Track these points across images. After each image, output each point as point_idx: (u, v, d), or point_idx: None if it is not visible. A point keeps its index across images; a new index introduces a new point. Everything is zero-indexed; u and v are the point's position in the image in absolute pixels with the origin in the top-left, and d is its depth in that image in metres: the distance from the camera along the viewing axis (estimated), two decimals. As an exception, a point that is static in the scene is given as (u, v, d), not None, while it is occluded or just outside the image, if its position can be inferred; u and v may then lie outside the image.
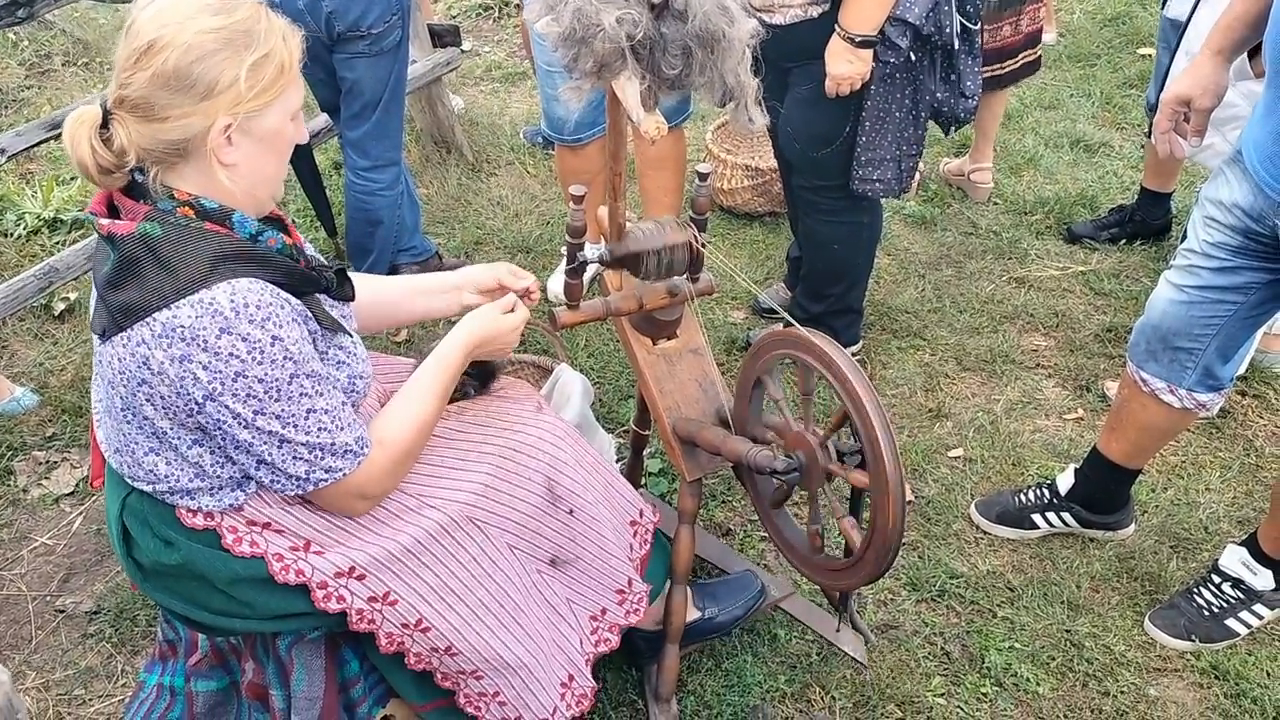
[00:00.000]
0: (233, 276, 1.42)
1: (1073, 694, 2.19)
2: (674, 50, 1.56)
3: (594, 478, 1.85)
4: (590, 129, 3.14)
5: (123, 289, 1.42)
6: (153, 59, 1.37)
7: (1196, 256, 2.10)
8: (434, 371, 1.70)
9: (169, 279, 1.40)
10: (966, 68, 2.60)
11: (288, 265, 1.50)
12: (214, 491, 1.57)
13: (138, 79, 1.38)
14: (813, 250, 2.94)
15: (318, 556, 1.60)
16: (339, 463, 1.54)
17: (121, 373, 1.45)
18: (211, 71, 1.39)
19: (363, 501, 1.62)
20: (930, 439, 2.83)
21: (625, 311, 1.96)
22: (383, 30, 2.83)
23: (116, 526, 1.65)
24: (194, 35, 1.38)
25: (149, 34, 1.38)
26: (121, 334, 1.43)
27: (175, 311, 1.39)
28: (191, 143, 1.42)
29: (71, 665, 2.28)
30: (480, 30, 5.71)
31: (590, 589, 1.87)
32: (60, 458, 2.81)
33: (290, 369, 1.45)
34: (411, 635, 1.67)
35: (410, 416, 1.65)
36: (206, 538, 1.59)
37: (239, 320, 1.40)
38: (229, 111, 1.41)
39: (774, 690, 2.19)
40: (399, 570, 1.64)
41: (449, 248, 3.68)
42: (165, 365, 1.41)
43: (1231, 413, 2.89)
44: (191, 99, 1.39)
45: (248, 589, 1.61)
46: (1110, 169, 4.13)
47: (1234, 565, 2.30)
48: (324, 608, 1.61)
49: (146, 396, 1.45)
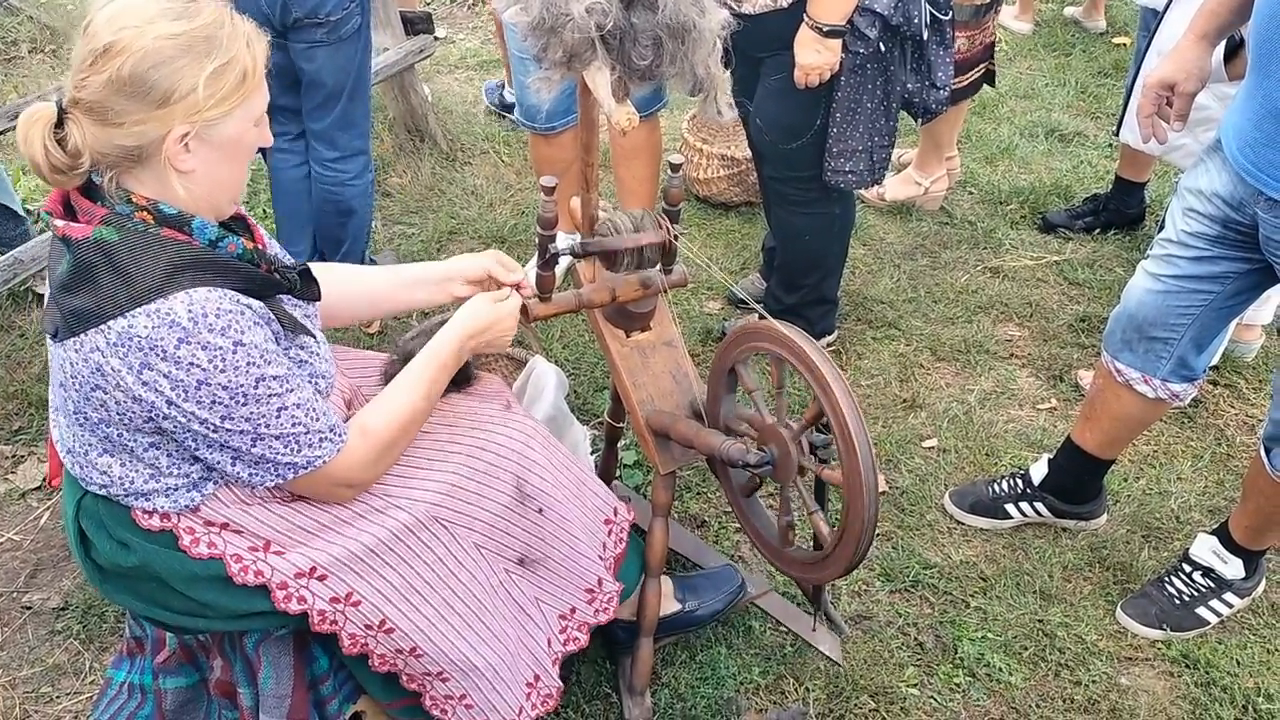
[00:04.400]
0: (190, 286, 1.39)
1: (1045, 683, 2.20)
2: (644, 41, 1.55)
3: (564, 476, 1.84)
4: (564, 118, 3.12)
5: (76, 293, 1.39)
6: (109, 62, 1.34)
7: (1174, 246, 2.11)
8: (426, 364, 1.69)
9: (124, 287, 1.38)
10: (937, 58, 2.59)
11: (248, 271, 1.47)
12: (169, 492, 1.55)
13: (93, 82, 1.35)
14: (786, 241, 2.93)
15: (277, 557, 1.58)
16: (316, 452, 1.53)
17: (73, 376, 1.43)
18: (169, 79, 1.36)
19: (347, 489, 1.61)
20: (905, 429, 2.83)
21: (598, 304, 1.95)
22: (341, 17, 2.78)
23: (73, 528, 1.63)
24: (152, 41, 1.35)
25: (106, 36, 1.35)
26: (74, 338, 1.41)
27: (131, 320, 1.37)
28: (147, 149, 1.39)
29: (39, 662, 2.25)
30: (454, 17, 5.66)
31: (560, 588, 1.85)
32: (27, 452, 2.77)
33: (255, 373, 1.43)
34: (375, 636, 1.65)
35: (396, 407, 1.64)
36: (163, 539, 1.57)
37: (198, 329, 1.38)
38: (186, 120, 1.38)
39: (748, 682, 2.18)
40: (362, 570, 1.62)
41: (422, 238, 3.66)
42: (123, 373, 1.39)
43: (1203, 402, 2.91)
44: (147, 106, 1.36)
45: (207, 590, 1.59)
46: (1085, 158, 4.14)
47: (1205, 554, 2.32)
48: (284, 609, 1.59)
49: (100, 401, 1.43)
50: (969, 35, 3.25)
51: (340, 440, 1.56)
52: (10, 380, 2.98)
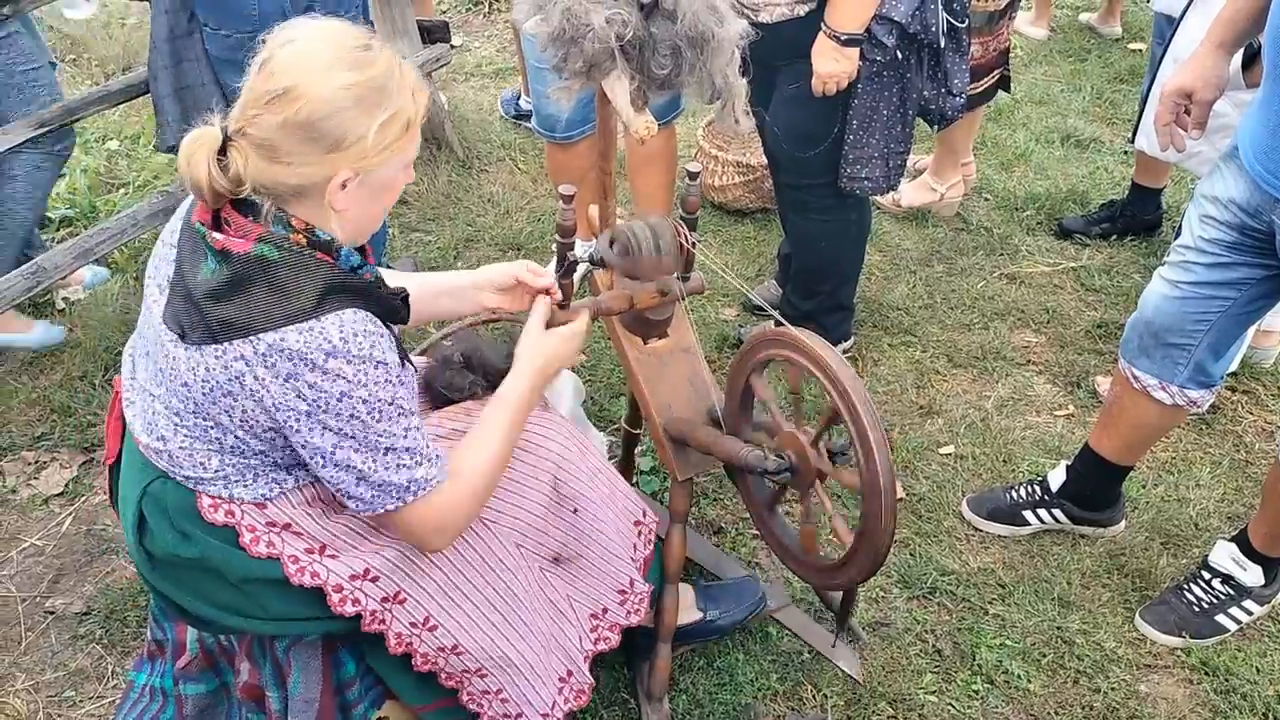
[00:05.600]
0: (340, 308, 1.44)
1: (1063, 690, 2.20)
2: (663, 50, 1.56)
3: (598, 478, 1.87)
4: (581, 126, 3.13)
5: (228, 303, 1.43)
6: (286, 106, 1.38)
7: (1191, 252, 2.11)
8: (504, 408, 1.69)
9: (280, 303, 1.42)
10: (954, 66, 2.59)
11: (380, 296, 1.52)
12: (248, 483, 1.58)
13: (266, 121, 1.39)
14: (802, 248, 2.94)
15: (332, 560, 1.61)
16: (433, 469, 1.55)
17: (206, 380, 1.46)
18: (341, 127, 1.40)
19: (439, 535, 1.60)
20: (921, 436, 2.83)
21: (616, 311, 1.96)
22: (354, 15, 2.80)
23: (133, 511, 1.64)
24: (331, 90, 1.38)
25: (286, 79, 1.38)
26: (216, 345, 1.44)
27: (283, 335, 1.41)
28: (309, 188, 1.44)
29: (61, 667, 2.27)
30: (470, 25, 5.69)
31: (592, 587, 1.88)
32: (50, 458, 2.80)
33: (391, 391, 1.47)
34: (419, 634, 1.68)
35: (483, 453, 1.64)
36: (225, 534, 1.59)
37: (346, 347, 1.43)
38: (352, 166, 1.42)
39: (766, 689, 2.19)
40: (410, 570, 1.65)
41: (439, 245, 3.68)
42: (266, 381, 1.43)
43: (1221, 409, 2.90)
44: (317, 151, 1.40)
45: (261, 588, 1.61)
46: (1101, 164, 4.13)
47: (1224, 561, 2.31)
48: (340, 611, 1.61)
49: (227, 408, 1.47)
50: (983, 41, 3.25)
51: (444, 461, 1.57)
52: (33, 387, 3.01)
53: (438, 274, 1.96)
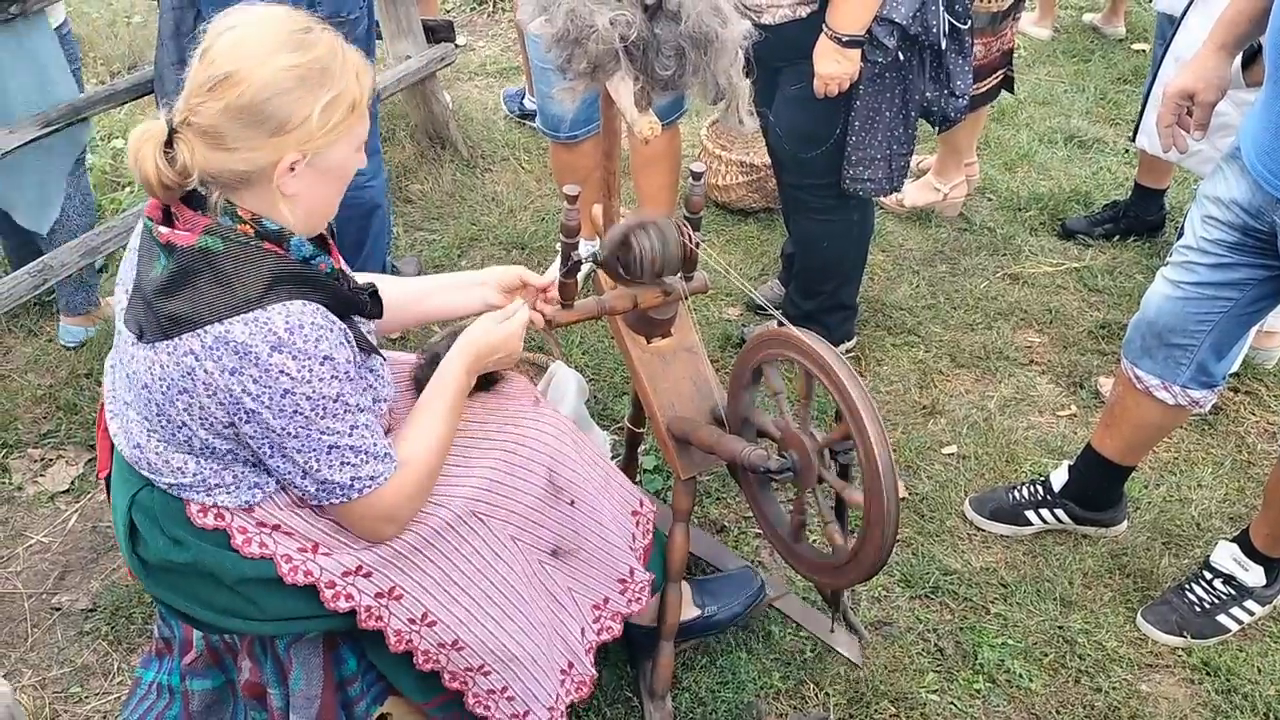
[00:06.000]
0: (288, 298, 1.44)
1: (1065, 690, 2.21)
2: (667, 51, 1.57)
3: (593, 470, 1.88)
4: (585, 126, 3.14)
5: (175, 298, 1.43)
6: (228, 91, 1.38)
7: (1194, 253, 2.11)
8: (441, 394, 1.71)
9: (225, 294, 1.42)
10: (956, 67, 2.60)
11: (335, 288, 1.52)
12: (233, 490, 1.58)
13: (209, 108, 1.39)
14: (805, 248, 2.95)
15: (325, 557, 1.62)
16: (380, 466, 1.55)
17: (162, 379, 1.46)
18: (285, 109, 1.40)
19: (390, 525, 1.62)
20: (924, 436, 2.84)
21: (619, 310, 1.97)
22: (358, 16, 2.83)
23: (124, 521, 1.65)
24: (272, 73, 1.39)
25: (227, 65, 1.39)
26: (167, 341, 1.44)
27: (228, 326, 1.41)
28: (256, 174, 1.44)
29: (68, 663, 2.28)
30: (474, 25, 5.70)
31: (593, 578, 1.89)
32: (56, 455, 2.81)
33: (337, 388, 1.47)
34: (419, 631, 1.68)
35: (425, 439, 1.66)
36: (216, 538, 1.60)
37: (292, 339, 1.42)
38: (298, 148, 1.43)
39: (768, 687, 2.20)
40: (405, 566, 1.66)
41: (443, 244, 3.69)
42: (215, 376, 1.43)
43: (1224, 409, 2.90)
44: (262, 134, 1.40)
45: (256, 589, 1.62)
46: (1104, 165, 4.14)
47: (1225, 561, 2.32)
48: (334, 607, 1.62)
49: (185, 405, 1.47)
50: (985, 42, 3.25)
51: (394, 461, 1.59)
52: (39, 385, 3.02)
53: (441, 275, 1.98)
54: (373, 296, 1.65)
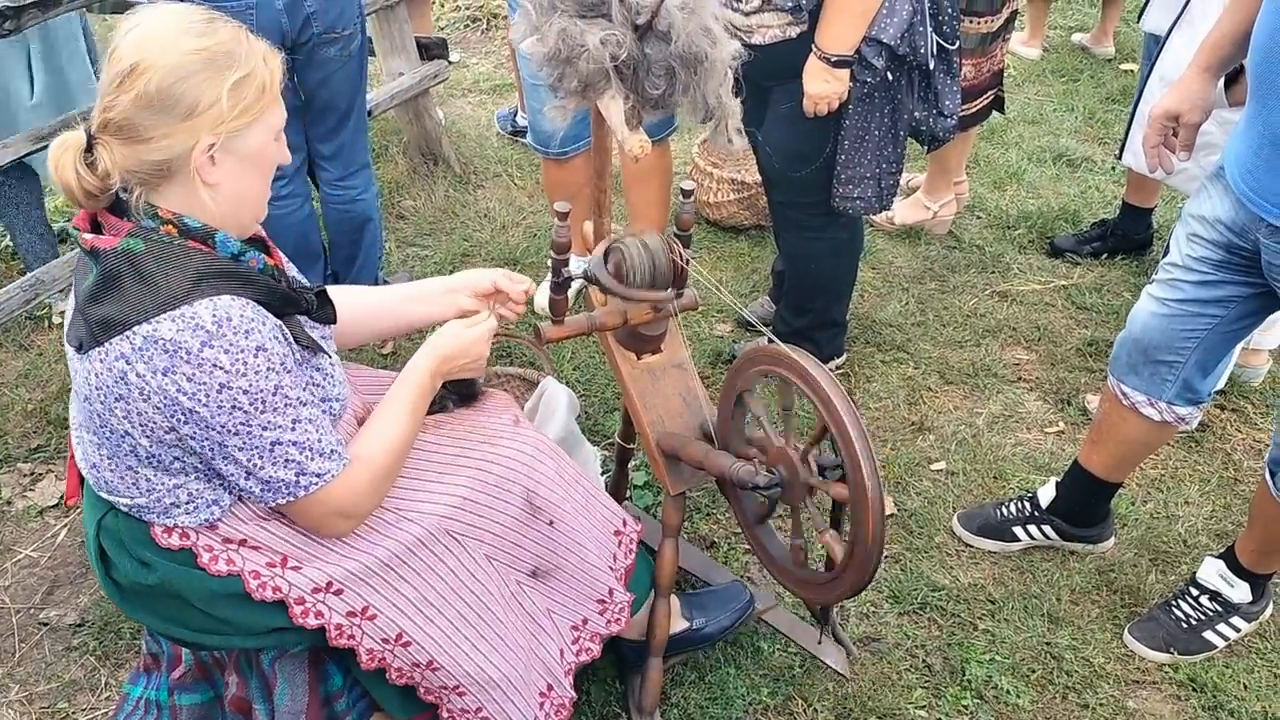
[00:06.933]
0: (215, 294, 1.43)
1: (1052, 706, 2.21)
2: (657, 71, 1.59)
3: (574, 490, 1.87)
4: (576, 142, 3.16)
5: (103, 303, 1.43)
6: (135, 81, 1.40)
7: (1179, 270, 2.13)
8: (403, 394, 1.71)
9: (150, 294, 1.42)
10: (945, 87, 2.62)
11: (269, 285, 1.51)
12: (191, 508, 1.57)
13: (121, 101, 1.41)
14: (794, 265, 2.96)
15: (294, 572, 1.61)
16: (326, 464, 1.54)
17: (99, 388, 1.46)
18: (193, 92, 1.41)
19: (345, 520, 1.62)
20: (913, 452, 2.85)
21: (610, 327, 1.98)
22: (352, 32, 2.84)
23: (94, 546, 1.66)
24: (176, 56, 1.40)
25: (132, 57, 1.41)
26: (99, 348, 1.44)
27: (156, 325, 1.41)
28: (175, 163, 1.44)
29: (55, 678, 2.28)
30: (468, 42, 5.73)
31: (571, 599, 1.88)
32: (45, 469, 2.81)
33: (274, 380, 1.46)
34: (392, 650, 1.67)
35: (384, 436, 1.66)
36: (182, 557, 1.59)
37: (222, 332, 1.42)
38: (212, 131, 1.43)
39: (757, 703, 2.20)
40: (377, 584, 1.64)
41: (435, 260, 3.70)
42: (148, 379, 1.42)
43: (1210, 426, 2.92)
44: (174, 119, 1.41)
45: (226, 606, 1.61)
46: (1092, 183, 4.17)
47: (1212, 578, 2.33)
48: (302, 623, 1.61)
49: (124, 413, 1.46)
50: (975, 63, 3.28)
51: (344, 459, 1.58)
52: (29, 399, 3.02)
53: (413, 282, 1.97)
54: (320, 296, 1.64)
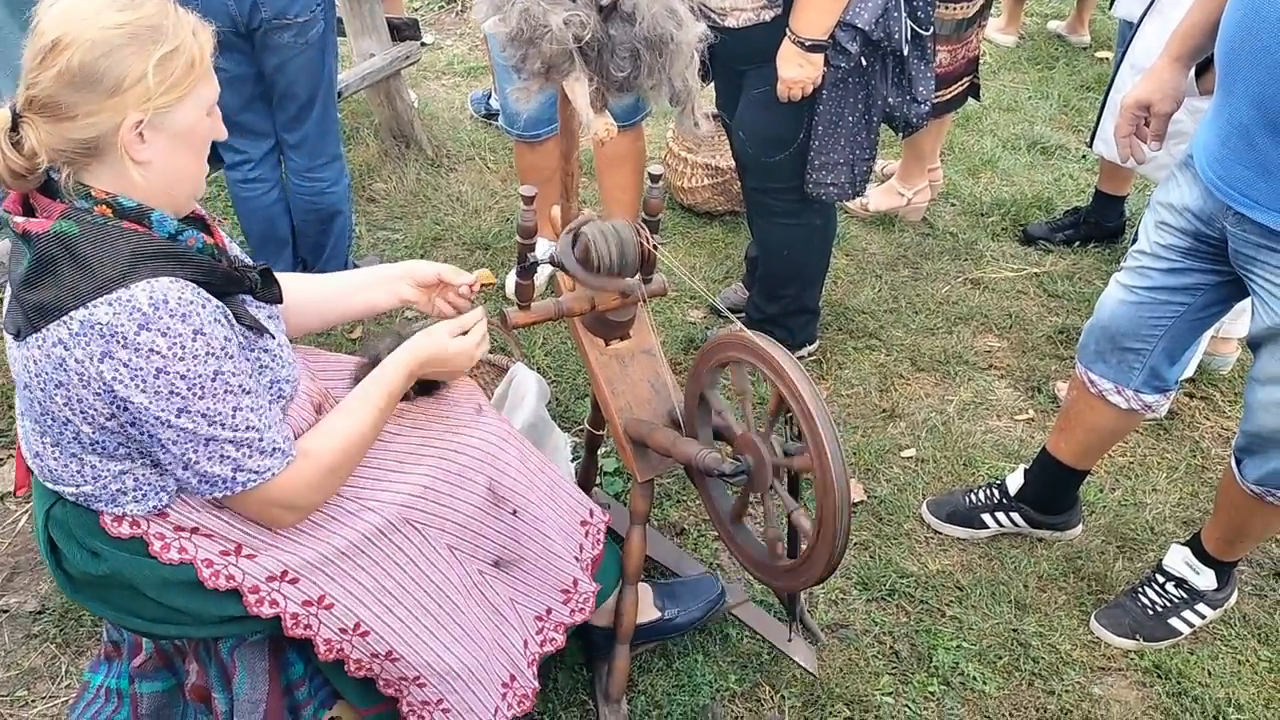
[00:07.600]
0: (152, 275, 1.39)
1: (1019, 693, 2.22)
2: (622, 53, 1.57)
3: (538, 478, 1.85)
4: (549, 125, 3.13)
5: (38, 288, 1.39)
6: (58, 57, 1.35)
7: (1147, 258, 2.13)
8: (371, 390, 1.68)
9: (86, 278, 1.38)
10: (919, 73, 2.61)
11: (209, 265, 1.47)
12: (139, 495, 1.54)
13: (44, 78, 1.36)
14: (767, 251, 2.95)
15: (249, 560, 1.58)
16: (267, 461, 1.51)
17: (38, 375, 1.43)
18: (118, 67, 1.36)
19: (288, 513, 1.58)
20: (884, 439, 2.85)
21: (577, 312, 1.96)
22: (308, 20, 2.78)
23: (43, 537, 1.62)
24: (99, 31, 1.36)
25: (54, 32, 1.36)
26: (36, 334, 1.40)
27: (92, 310, 1.37)
28: (102, 140, 1.39)
29: (15, 665, 2.24)
30: (442, 24, 5.68)
31: (535, 589, 1.86)
32: (6, 455, 2.77)
33: (214, 365, 1.42)
34: (350, 640, 1.65)
35: (341, 431, 1.62)
36: (133, 546, 1.56)
37: (159, 315, 1.38)
38: (139, 107, 1.38)
39: (724, 690, 2.19)
40: (334, 573, 1.62)
41: (406, 243, 3.66)
42: (86, 365, 1.38)
43: (1179, 414, 2.93)
44: (99, 96, 1.36)
45: (179, 595, 1.58)
46: (1066, 171, 4.18)
47: (1178, 565, 2.34)
48: (257, 612, 1.59)
49: (65, 400, 1.43)
50: (951, 49, 3.27)
51: (289, 455, 1.54)
52: (-10, 383, 2.97)
53: (359, 270, 1.93)
54: (264, 274, 1.60)
